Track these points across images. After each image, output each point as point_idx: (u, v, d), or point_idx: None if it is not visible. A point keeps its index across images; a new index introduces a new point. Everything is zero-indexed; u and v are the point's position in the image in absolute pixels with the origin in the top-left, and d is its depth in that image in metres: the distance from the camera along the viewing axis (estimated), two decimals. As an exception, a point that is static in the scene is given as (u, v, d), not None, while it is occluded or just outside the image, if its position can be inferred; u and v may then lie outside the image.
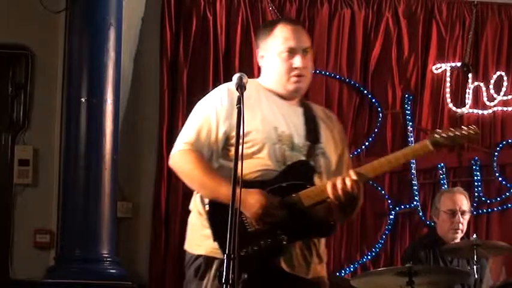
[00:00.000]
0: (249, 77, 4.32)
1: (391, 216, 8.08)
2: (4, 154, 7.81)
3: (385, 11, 8.19)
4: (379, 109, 8.03)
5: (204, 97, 4.67)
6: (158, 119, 7.89)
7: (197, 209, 4.59)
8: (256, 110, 4.56)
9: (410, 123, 8.14)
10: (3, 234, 7.75)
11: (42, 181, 7.80)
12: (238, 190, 4.03)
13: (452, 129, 4.45)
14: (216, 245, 4.41)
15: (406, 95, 8.16)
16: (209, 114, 4.57)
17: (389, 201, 8.09)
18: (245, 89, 4.22)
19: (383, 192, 8.09)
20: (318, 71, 7.98)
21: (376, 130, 8.08)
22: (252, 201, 4.34)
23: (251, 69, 7.78)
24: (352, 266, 7.97)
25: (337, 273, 7.81)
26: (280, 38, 4.61)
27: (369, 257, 8.02)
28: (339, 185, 4.34)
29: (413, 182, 8.06)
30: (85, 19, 7.58)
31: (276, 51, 4.61)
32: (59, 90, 7.78)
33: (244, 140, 4.33)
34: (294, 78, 4.59)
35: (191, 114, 4.66)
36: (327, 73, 8.08)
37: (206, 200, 4.51)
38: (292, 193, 4.40)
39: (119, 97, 7.58)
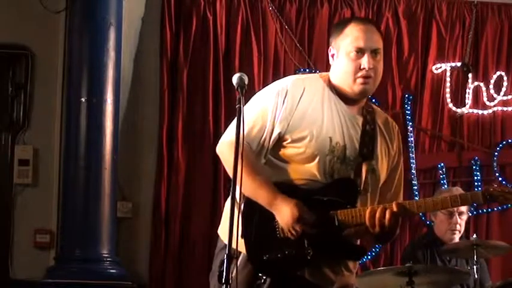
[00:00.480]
0: (248, 77, 4.31)
1: (391, 216, 8.07)
2: (4, 154, 7.82)
3: (385, 11, 8.19)
4: (379, 109, 8.04)
5: (266, 88, 4.57)
6: (158, 118, 7.90)
7: (237, 199, 4.38)
8: (317, 114, 4.47)
9: (410, 123, 8.14)
10: (3, 234, 7.76)
11: (42, 181, 7.81)
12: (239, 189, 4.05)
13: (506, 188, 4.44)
14: (242, 241, 4.35)
15: (406, 95, 8.17)
16: (267, 111, 4.47)
17: (389, 201, 8.09)
18: (245, 89, 4.21)
19: (383, 192, 8.09)
20: (317, 71, 7.98)
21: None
22: (286, 211, 4.29)
23: (251, 69, 7.81)
24: (352, 265, 7.97)
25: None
26: (350, 37, 4.49)
27: (369, 257, 8.03)
28: (377, 215, 4.29)
29: (413, 181, 8.06)
30: (85, 19, 7.59)
31: (345, 50, 4.49)
32: (59, 90, 7.79)
33: (299, 144, 4.39)
34: (360, 80, 4.46)
35: (250, 103, 4.53)
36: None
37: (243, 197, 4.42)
38: (331, 209, 4.35)
39: (118, 97, 7.59)
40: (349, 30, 4.53)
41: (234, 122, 4.30)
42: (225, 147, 4.45)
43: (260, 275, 4.36)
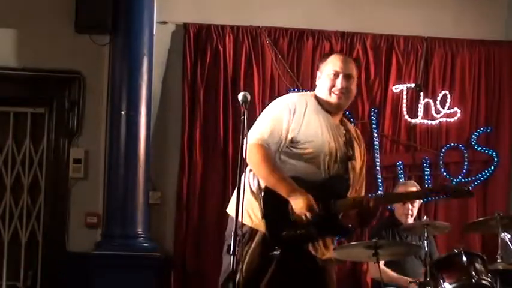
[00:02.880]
0: (250, 95, 4.35)
1: (360, 203, 8.07)
2: (62, 154, 7.81)
3: (356, 44, 8.18)
4: (351, 119, 8.01)
5: (278, 100, 4.67)
6: (181, 127, 7.90)
7: (250, 186, 4.54)
8: (317, 123, 4.58)
9: (376, 131, 8.13)
10: (61, 216, 7.76)
11: (91, 175, 7.81)
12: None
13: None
14: (263, 221, 4.44)
15: (372, 109, 8.16)
16: (282, 119, 4.55)
17: (359, 191, 8.08)
18: (248, 104, 4.24)
19: (354, 184, 8.09)
20: (303, 90, 7.98)
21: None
22: (301, 201, 4.38)
23: (252, 89, 7.81)
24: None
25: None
26: (331, 64, 4.67)
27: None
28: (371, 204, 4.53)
29: (377, 176, 8.06)
30: (124, 50, 7.59)
31: (326, 73, 4.66)
32: (104, 105, 7.79)
33: (305, 145, 4.50)
34: (333, 94, 4.62)
35: (266, 112, 4.63)
36: (311, 91, 8.05)
37: (262, 184, 4.50)
38: (330, 198, 4.46)
39: (150, 111, 7.60)
40: (330, 59, 4.71)
41: (254, 128, 4.52)
42: (248, 149, 4.38)
43: (276, 247, 4.41)
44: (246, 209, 4.39)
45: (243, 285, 4.23)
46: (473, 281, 6.12)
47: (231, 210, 4.56)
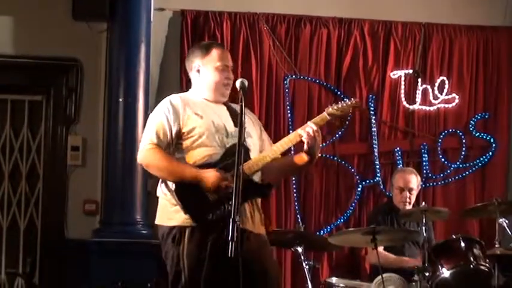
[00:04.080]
0: (248, 82, 4.37)
1: (358, 189, 8.09)
2: (60, 142, 7.81)
3: (354, 30, 8.17)
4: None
5: (154, 110, 4.76)
6: (179, 114, 7.88)
7: (163, 194, 4.64)
8: (197, 110, 4.68)
9: (374, 117, 8.13)
10: (59, 203, 7.76)
11: (89, 163, 7.80)
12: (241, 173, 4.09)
13: (341, 102, 4.64)
14: (187, 216, 4.49)
15: (370, 95, 8.15)
16: (162, 120, 4.64)
17: (357, 177, 8.10)
18: (246, 91, 4.25)
19: (353, 170, 8.11)
20: (301, 77, 7.98)
21: (347, 122, 8.06)
22: (210, 177, 4.44)
23: (250, 75, 7.79)
24: (328, 227, 7.98)
25: (317, 233, 7.82)
26: (216, 57, 4.79)
27: (342, 220, 8.03)
28: (311, 132, 4.56)
29: (375, 162, 8.06)
30: (122, 37, 7.56)
31: (213, 66, 4.79)
32: (102, 92, 7.77)
33: (192, 133, 4.63)
34: (223, 87, 4.80)
35: (147, 124, 4.73)
36: (309, 78, 8.06)
37: (170, 184, 4.57)
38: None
39: (148, 97, 7.57)
40: (215, 52, 4.81)
41: (142, 138, 4.68)
42: (145, 154, 4.63)
43: (208, 235, 4.44)
44: (165, 214, 4.58)
45: (189, 283, 4.45)
46: (472, 266, 6.15)
47: (159, 220, 4.70)
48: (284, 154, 4.81)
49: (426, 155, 8.17)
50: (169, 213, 4.58)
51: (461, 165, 8.23)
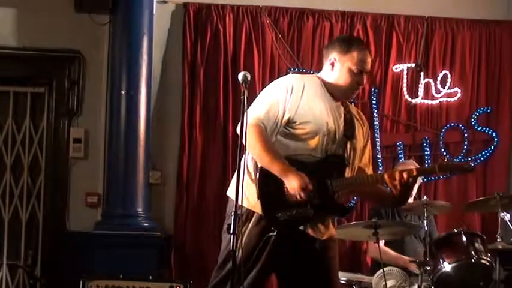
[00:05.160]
0: (250, 75, 4.34)
1: (360, 182, 8.07)
2: (62, 134, 7.81)
3: (356, 23, 8.15)
4: (352, 100, 8.01)
5: (276, 82, 4.61)
6: (181, 107, 7.88)
7: (247, 168, 4.48)
8: (315, 103, 4.52)
9: (376, 111, 8.12)
10: (61, 196, 7.76)
11: (92, 155, 7.80)
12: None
13: (456, 161, 4.60)
14: (258, 203, 4.41)
15: (373, 89, 8.14)
16: (278, 100, 4.48)
17: (359, 171, 8.08)
18: (248, 84, 4.22)
19: (354, 163, 8.09)
20: (304, 70, 7.96)
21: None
22: (296, 181, 4.31)
23: (253, 68, 7.79)
24: (330, 220, 7.96)
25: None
26: (358, 59, 4.60)
27: (344, 214, 8.01)
28: (397, 177, 4.40)
29: (377, 156, 8.05)
30: (124, 30, 7.56)
31: (349, 67, 4.59)
32: (104, 84, 7.77)
33: (303, 126, 4.44)
34: (354, 92, 4.64)
35: (263, 93, 4.58)
36: (311, 71, 8.02)
37: (259, 165, 4.45)
38: (327, 178, 4.41)
39: (150, 90, 7.57)
40: (358, 53, 4.60)
41: (252, 108, 4.43)
42: (248, 129, 4.31)
43: (272, 228, 4.37)
44: (244, 191, 4.31)
45: (242, 262, 4.20)
46: (473, 260, 6.15)
47: (230, 193, 4.53)
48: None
49: (428, 149, 8.16)
50: (246, 191, 4.37)
51: (463, 159, 8.22)
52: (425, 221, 6.42)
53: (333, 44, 4.78)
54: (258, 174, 4.44)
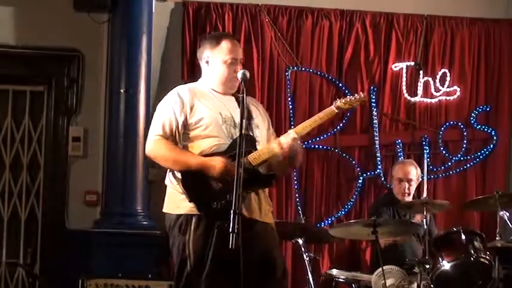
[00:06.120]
0: (250, 73, 4.38)
1: (360, 181, 8.07)
2: (61, 132, 7.81)
3: (355, 22, 8.15)
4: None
5: (162, 101, 4.78)
6: (180, 105, 7.86)
7: (170, 182, 4.69)
8: (205, 102, 4.69)
9: (375, 109, 8.11)
10: (60, 194, 7.76)
11: (91, 153, 7.80)
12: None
13: (349, 97, 4.70)
14: (192, 204, 4.52)
15: (372, 87, 8.13)
16: (168, 112, 4.66)
17: (358, 169, 8.08)
18: (247, 82, 4.25)
19: (353, 162, 8.09)
20: (303, 69, 7.95)
21: (348, 114, 8.05)
22: (217, 165, 4.47)
23: (252, 66, 7.77)
24: (329, 219, 7.96)
25: (318, 225, 7.81)
26: (226, 50, 4.75)
27: (343, 212, 8.02)
28: (285, 144, 4.53)
29: (377, 154, 8.04)
30: (123, 28, 7.55)
31: (222, 60, 4.75)
32: (103, 83, 7.76)
33: (199, 124, 4.64)
34: (232, 81, 4.76)
35: (155, 115, 4.76)
36: (311, 70, 8.04)
37: (177, 173, 4.61)
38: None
39: (149, 88, 7.56)
40: (224, 44, 4.79)
41: (150, 130, 4.69)
42: (152, 146, 4.68)
43: (214, 223, 4.45)
44: (173, 203, 4.64)
45: (194, 270, 4.47)
46: (472, 259, 6.14)
47: (166, 209, 4.75)
48: None
49: (427, 148, 8.15)
50: (177, 201, 4.62)
51: (462, 158, 8.22)
52: (424, 220, 6.40)
53: (203, 43, 4.94)
54: (180, 179, 4.59)
